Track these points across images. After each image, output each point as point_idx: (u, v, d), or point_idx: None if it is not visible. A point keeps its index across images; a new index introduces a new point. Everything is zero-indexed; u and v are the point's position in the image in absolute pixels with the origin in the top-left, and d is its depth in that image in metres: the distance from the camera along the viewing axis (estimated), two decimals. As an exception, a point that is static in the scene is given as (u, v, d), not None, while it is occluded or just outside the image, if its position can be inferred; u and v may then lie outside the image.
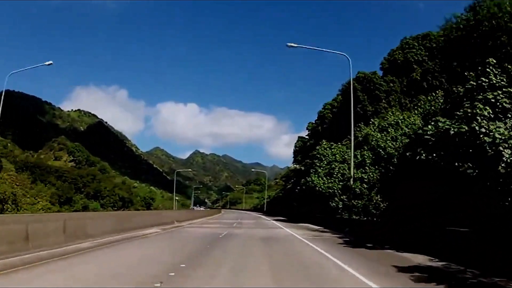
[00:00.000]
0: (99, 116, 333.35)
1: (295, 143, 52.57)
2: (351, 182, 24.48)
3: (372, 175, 24.58)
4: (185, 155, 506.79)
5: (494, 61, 13.27)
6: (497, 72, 12.90)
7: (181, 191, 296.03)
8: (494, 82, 12.52)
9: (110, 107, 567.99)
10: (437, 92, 26.11)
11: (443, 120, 12.91)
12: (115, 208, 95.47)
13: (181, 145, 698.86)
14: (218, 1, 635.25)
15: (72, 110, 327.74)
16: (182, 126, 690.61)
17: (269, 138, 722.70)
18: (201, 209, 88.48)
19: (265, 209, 77.31)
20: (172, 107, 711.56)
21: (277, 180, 75.65)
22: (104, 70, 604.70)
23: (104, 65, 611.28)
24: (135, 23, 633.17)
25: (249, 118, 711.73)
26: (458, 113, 12.42)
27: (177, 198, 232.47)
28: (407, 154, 15.04)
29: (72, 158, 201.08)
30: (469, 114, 11.80)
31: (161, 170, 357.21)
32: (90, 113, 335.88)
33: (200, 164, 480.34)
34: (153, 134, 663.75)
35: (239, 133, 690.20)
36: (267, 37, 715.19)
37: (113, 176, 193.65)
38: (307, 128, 49.52)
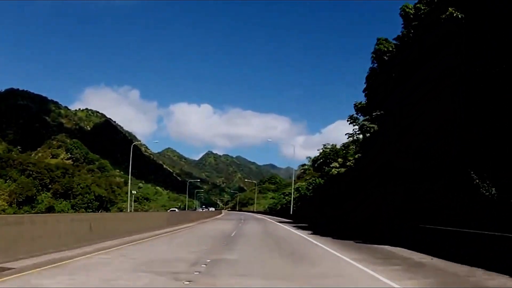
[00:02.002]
0: (108, 116, 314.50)
1: (374, 50, 23.64)
2: None
3: None
4: (198, 156, 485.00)
5: None
6: None
7: (191, 192, 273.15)
8: None
9: (122, 108, 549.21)
10: None
11: None
12: (90, 210, 71.50)
13: (194, 146, 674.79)
14: (231, 1, 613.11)
15: (79, 109, 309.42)
16: (196, 127, 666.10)
17: (283, 139, 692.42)
18: (200, 210, 65.57)
19: (291, 211, 44.74)
20: (185, 108, 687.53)
21: (305, 167, 47.59)
22: (115, 71, 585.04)
23: (116, 65, 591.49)
24: (146, 22, 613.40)
25: (263, 119, 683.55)
26: None
27: (182, 199, 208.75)
28: None
29: (70, 155, 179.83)
30: None
31: (171, 171, 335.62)
32: (98, 112, 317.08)
33: (213, 165, 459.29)
34: (166, 135, 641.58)
35: (253, 134, 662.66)
36: (282, 37, 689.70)
37: (113, 174, 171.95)
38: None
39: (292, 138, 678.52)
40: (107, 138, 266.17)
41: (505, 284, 8.55)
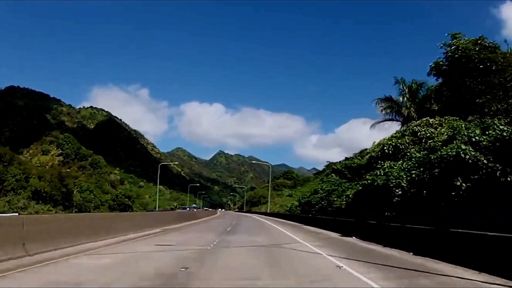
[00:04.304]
0: (114, 114, 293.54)
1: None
2: None
3: None
4: (209, 156, 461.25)
5: None
6: None
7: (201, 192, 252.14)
8: None
9: (131, 107, 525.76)
10: None
11: None
12: (23, 209, 45.99)
13: (206, 146, 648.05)
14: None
15: (83, 107, 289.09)
16: (207, 126, 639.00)
17: (296, 139, 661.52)
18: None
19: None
20: (197, 107, 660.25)
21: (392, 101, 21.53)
22: (123, 69, 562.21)
23: (124, 63, 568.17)
24: (156, 20, 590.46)
25: (276, 118, 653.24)
26: None
27: (182, 198, 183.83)
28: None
29: (61, 151, 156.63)
30: None
31: (180, 170, 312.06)
32: (103, 110, 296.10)
33: (224, 165, 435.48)
34: (177, 135, 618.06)
35: (266, 133, 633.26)
36: (295, 36, 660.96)
37: (106, 171, 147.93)
38: None
39: (305, 138, 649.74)
40: (111, 136, 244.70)
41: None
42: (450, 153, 12.45)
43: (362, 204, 17.54)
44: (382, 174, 15.94)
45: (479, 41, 16.70)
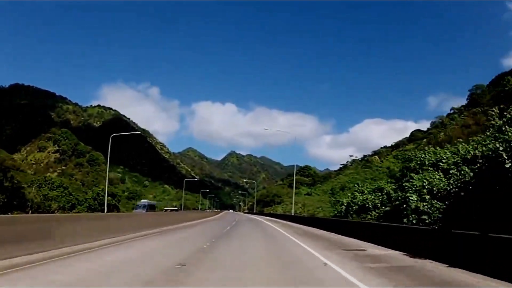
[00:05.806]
0: (122, 113, 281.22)
1: None
2: None
3: None
4: (221, 157, 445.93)
5: None
6: None
7: (210, 193, 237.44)
8: None
9: (141, 106, 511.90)
10: None
11: None
12: None
13: (218, 146, 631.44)
14: None
15: (91, 105, 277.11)
16: (219, 126, 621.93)
17: (309, 139, 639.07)
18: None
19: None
20: (209, 107, 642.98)
21: None
22: (133, 67, 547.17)
23: (134, 61, 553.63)
24: (167, 17, 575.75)
25: (289, 117, 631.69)
26: None
27: (188, 197, 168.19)
28: None
29: (57, 147, 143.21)
30: None
31: (189, 169, 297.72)
32: (111, 109, 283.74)
33: (236, 166, 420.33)
34: (189, 134, 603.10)
35: (279, 133, 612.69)
36: (308, 36, 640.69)
37: (105, 169, 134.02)
38: None
39: (318, 138, 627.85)
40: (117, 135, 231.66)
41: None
42: None
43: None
44: None
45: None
